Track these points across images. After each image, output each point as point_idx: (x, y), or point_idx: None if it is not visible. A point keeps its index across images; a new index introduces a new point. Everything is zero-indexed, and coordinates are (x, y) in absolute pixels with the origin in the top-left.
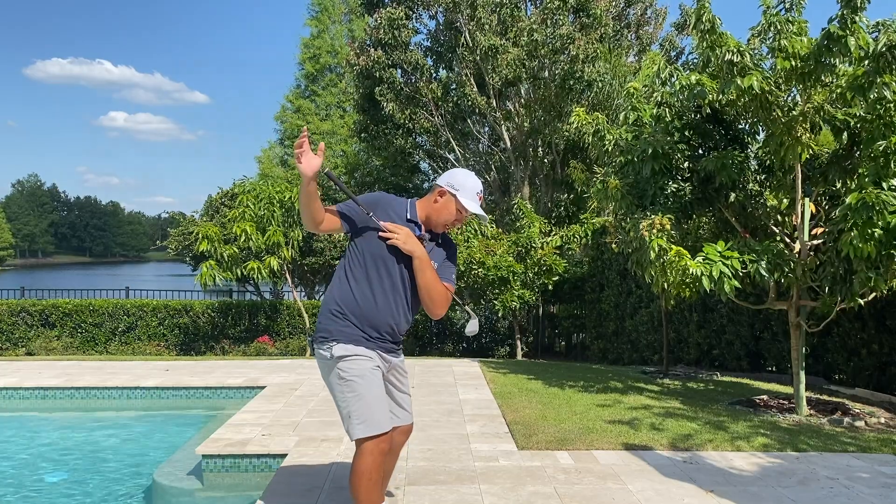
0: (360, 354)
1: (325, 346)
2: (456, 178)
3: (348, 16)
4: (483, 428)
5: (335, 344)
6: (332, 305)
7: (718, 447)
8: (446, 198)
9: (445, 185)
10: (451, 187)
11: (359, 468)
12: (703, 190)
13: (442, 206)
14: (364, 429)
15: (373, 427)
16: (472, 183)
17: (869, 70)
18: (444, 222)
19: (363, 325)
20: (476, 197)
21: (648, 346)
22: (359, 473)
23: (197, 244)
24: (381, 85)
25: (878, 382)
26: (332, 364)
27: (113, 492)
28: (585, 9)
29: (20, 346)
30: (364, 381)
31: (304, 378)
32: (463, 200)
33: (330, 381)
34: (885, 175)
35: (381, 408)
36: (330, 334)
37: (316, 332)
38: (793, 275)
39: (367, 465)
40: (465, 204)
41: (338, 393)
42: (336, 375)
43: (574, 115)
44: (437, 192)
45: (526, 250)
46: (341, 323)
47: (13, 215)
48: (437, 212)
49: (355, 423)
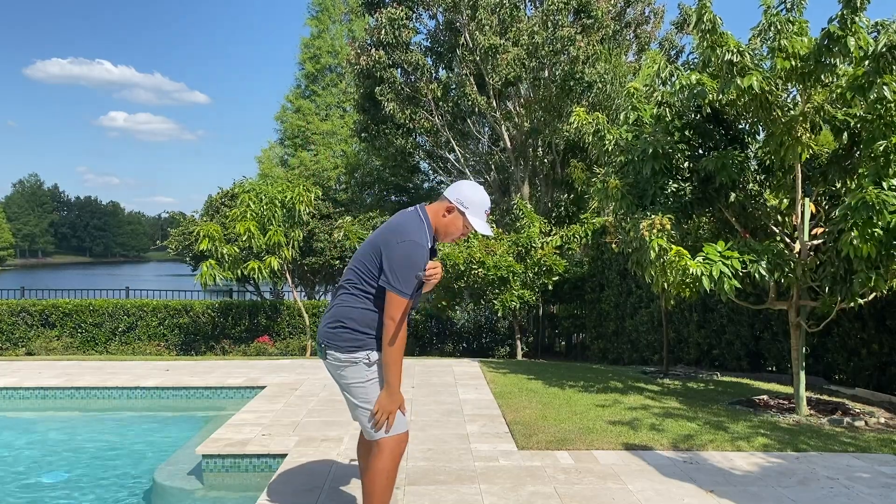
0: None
1: (362, 353)
2: (465, 195)
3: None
4: (483, 428)
5: (371, 351)
6: (363, 327)
7: (718, 447)
8: (455, 214)
9: (455, 201)
10: (461, 204)
11: (378, 466)
12: (703, 190)
13: (450, 222)
14: (399, 425)
15: (398, 426)
16: (481, 199)
17: (869, 70)
18: (450, 237)
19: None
20: (484, 215)
21: (648, 346)
22: (377, 471)
23: (198, 243)
24: (381, 85)
25: (878, 382)
26: (365, 367)
27: (113, 492)
28: (586, 10)
29: (20, 346)
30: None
31: (304, 378)
32: (472, 220)
33: (354, 381)
34: (885, 175)
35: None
36: (365, 344)
37: (342, 342)
38: (793, 275)
39: (386, 463)
40: (473, 223)
41: (362, 394)
42: (364, 377)
43: (574, 115)
44: (446, 207)
45: (526, 250)
46: (371, 340)
47: (13, 215)
48: (445, 227)
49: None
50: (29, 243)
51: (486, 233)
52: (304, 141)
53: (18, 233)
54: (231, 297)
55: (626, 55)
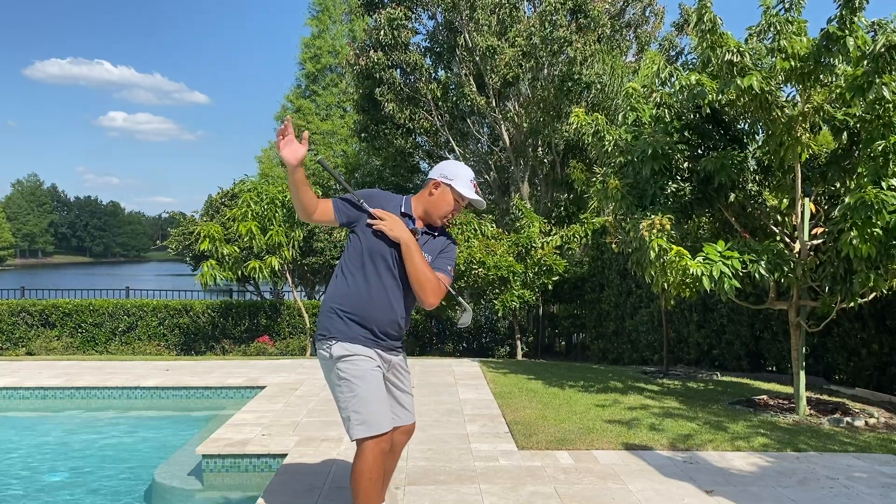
0: (360, 354)
1: (325, 344)
2: (448, 169)
3: (349, 16)
4: (483, 428)
5: (334, 343)
6: (331, 303)
7: (718, 447)
8: (441, 189)
9: (439, 176)
10: (445, 178)
11: (359, 468)
12: (702, 190)
13: (438, 198)
14: (364, 429)
15: (373, 427)
16: (465, 171)
17: (868, 70)
18: (442, 214)
19: (362, 323)
20: (471, 184)
21: (648, 346)
22: (359, 473)
23: (198, 243)
24: (381, 86)
25: (878, 382)
26: (332, 363)
27: (113, 492)
28: (582, 10)
29: (20, 346)
30: (364, 381)
31: (304, 378)
32: (459, 188)
33: (330, 379)
34: (884, 174)
35: (381, 408)
36: (329, 332)
37: (317, 331)
38: (793, 275)
39: (367, 464)
40: (461, 191)
41: (338, 393)
42: (336, 375)
43: (574, 115)
44: (432, 184)
45: (526, 250)
46: (340, 321)
47: (13, 215)
48: (435, 204)
49: (355, 423)
50: (29, 243)
51: (474, 198)
52: None
53: (18, 233)
54: (231, 297)
55: (626, 56)
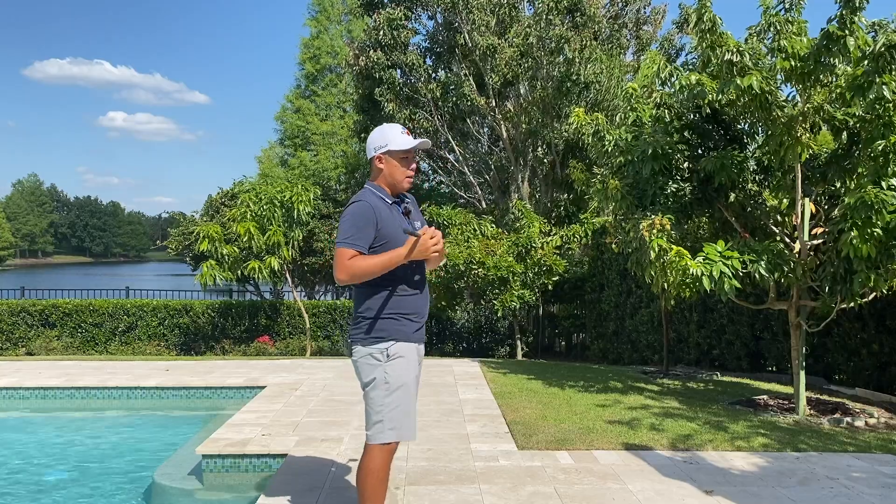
0: (407, 357)
1: (381, 344)
2: (376, 140)
3: (347, 16)
4: (483, 428)
5: (393, 343)
6: (381, 309)
7: (718, 447)
8: (384, 159)
9: (374, 151)
10: (380, 148)
11: (369, 466)
12: (702, 190)
13: (389, 169)
14: (394, 435)
15: (403, 435)
16: (390, 129)
17: (868, 70)
18: (401, 180)
19: (417, 319)
20: (404, 135)
21: (648, 346)
22: (368, 471)
23: (198, 244)
24: (380, 86)
25: (878, 382)
26: (378, 364)
27: (113, 491)
28: (579, 8)
29: (20, 346)
30: (405, 392)
31: (304, 378)
32: (396, 147)
33: (373, 380)
34: (884, 174)
35: (413, 419)
36: (387, 335)
37: (362, 331)
38: (793, 275)
39: (377, 463)
40: (401, 147)
41: (376, 395)
42: (382, 379)
43: (573, 115)
44: (376, 161)
45: (526, 250)
46: (396, 323)
47: (13, 215)
48: (390, 175)
49: (387, 428)
50: (29, 243)
51: (415, 144)
52: (304, 141)
53: (18, 233)
54: (231, 298)
55: (625, 55)
